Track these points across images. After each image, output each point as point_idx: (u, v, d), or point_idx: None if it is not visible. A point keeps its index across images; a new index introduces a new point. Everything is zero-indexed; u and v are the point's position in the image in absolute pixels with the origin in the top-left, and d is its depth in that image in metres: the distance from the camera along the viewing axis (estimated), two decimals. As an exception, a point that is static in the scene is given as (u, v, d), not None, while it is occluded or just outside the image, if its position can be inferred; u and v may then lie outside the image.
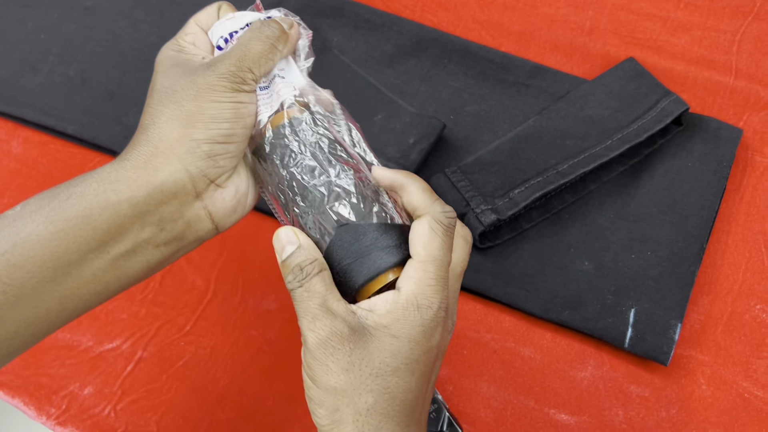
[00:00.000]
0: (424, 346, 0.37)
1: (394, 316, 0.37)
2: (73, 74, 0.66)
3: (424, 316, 0.37)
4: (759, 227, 0.59)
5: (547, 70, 0.63)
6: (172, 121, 0.39)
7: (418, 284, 0.37)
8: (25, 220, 0.36)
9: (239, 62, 0.40)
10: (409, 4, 0.67)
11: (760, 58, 0.64)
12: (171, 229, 0.39)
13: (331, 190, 0.40)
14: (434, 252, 0.38)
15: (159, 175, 0.38)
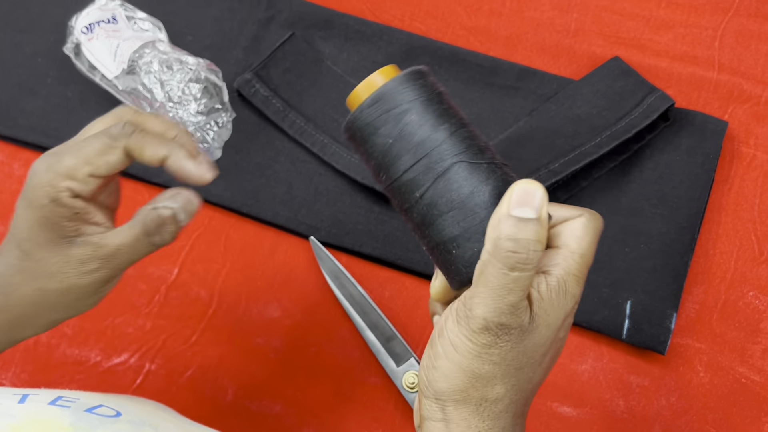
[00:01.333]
0: (556, 335, 0.37)
1: (549, 302, 0.36)
2: (71, 95, 0.67)
3: (568, 304, 0.37)
4: (748, 216, 0.60)
5: (535, 73, 0.65)
6: (33, 305, 0.41)
7: (567, 270, 0.36)
8: None
9: (120, 266, 0.41)
10: (398, 13, 0.69)
11: (741, 52, 0.65)
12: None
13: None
14: (584, 247, 0.37)
15: (13, 339, 0.43)
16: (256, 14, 0.69)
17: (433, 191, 0.37)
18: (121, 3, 0.66)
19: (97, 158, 0.39)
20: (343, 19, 0.68)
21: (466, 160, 0.37)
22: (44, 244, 0.40)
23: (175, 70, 0.61)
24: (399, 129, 0.37)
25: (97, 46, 0.63)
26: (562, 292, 0.36)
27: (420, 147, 0.37)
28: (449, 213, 0.37)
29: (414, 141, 0.37)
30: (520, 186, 0.35)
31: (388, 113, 0.37)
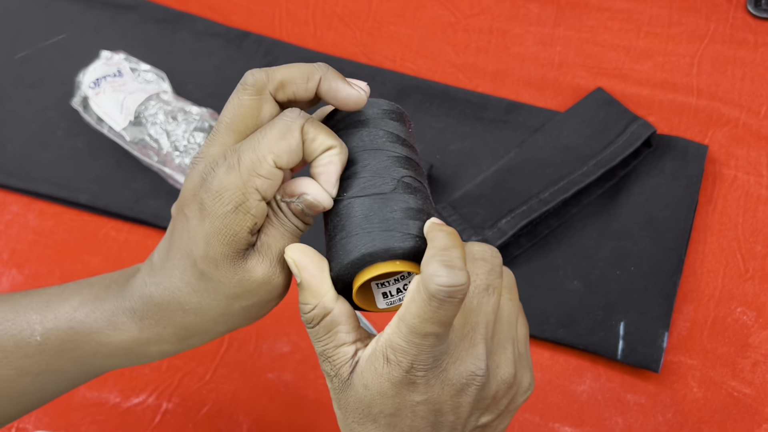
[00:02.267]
0: (399, 401, 0.35)
1: (368, 362, 0.35)
2: (81, 146, 0.70)
3: (393, 371, 0.34)
4: (733, 235, 0.63)
5: (522, 106, 0.67)
6: (173, 326, 0.38)
7: (390, 337, 0.34)
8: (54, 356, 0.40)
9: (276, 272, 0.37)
10: (389, 54, 0.72)
11: (718, 78, 0.68)
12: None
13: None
14: (407, 313, 0.33)
15: (144, 356, 0.40)
16: (254, 61, 0.72)
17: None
18: (125, 56, 0.69)
19: (276, 145, 0.35)
20: (338, 64, 0.71)
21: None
22: (221, 262, 0.35)
23: (179, 120, 0.64)
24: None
25: (105, 100, 0.66)
26: (381, 357, 0.34)
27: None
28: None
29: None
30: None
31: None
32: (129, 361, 0.41)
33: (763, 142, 0.65)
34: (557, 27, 0.71)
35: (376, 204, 0.36)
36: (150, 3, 0.75)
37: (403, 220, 0.36)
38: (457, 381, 0.35)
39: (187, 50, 0.73)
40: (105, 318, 0.39)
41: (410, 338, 0.33)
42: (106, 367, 0.42)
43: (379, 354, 0.34)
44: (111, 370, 0.43)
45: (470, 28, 0.72)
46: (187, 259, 0.36)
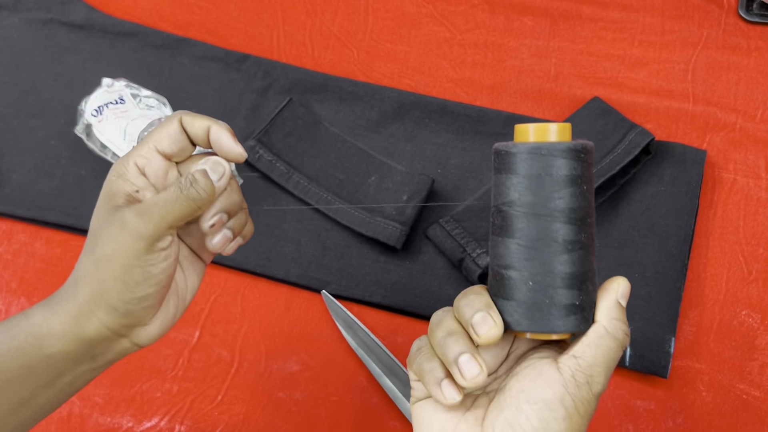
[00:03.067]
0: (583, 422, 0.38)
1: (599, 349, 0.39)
2: (84, 174, 0.71)
3: (594, 390, 0.38)
4: (734, 238, 0.63)
5: (520, 118, 0.68)
6: (91, 281, 0.41)
7: (608, 317, 0.39)
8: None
9: (158, 222, 0.40)
10: (387, 72, 0.73)
11: (713, 83, 0.69)
12: (102, 359, 0.43)
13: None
14: (602, 356, 0.39)
15: (85, 331, 0.41)
16: (253, 84, 0.72)
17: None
18: (126, 83, 0.70)
19: (156, 135, 0.43)
20: (336, 82, 0.71)
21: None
22: (102, 218, 0.41)
23: (183, 144, 0.64)
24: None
25: (107, 127, 0.66)
26: (607, 336, 0.39)
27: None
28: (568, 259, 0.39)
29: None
30: (624, 283, 0.41)
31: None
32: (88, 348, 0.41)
33: (760, 145, 0.66)
34: (552, 39, 0.72)
35: (537, 269, 0.38)
36: (149, 29, 0.76)
37: (562, 295, 0.38)
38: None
39: (187, 75, 0.74)
40: (49, 309, 0.41)
41: (621, 313, 0.40)
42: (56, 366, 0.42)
43: (606, 335, 0.39)
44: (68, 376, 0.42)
45: (466, 43, 0.73)
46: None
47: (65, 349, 0.41)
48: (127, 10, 0.78)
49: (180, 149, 0.44)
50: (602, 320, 0.39)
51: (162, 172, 0.44)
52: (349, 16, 0.76)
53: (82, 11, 0.77)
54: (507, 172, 0.39)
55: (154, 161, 0.43)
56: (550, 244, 0.38)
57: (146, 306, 0.41)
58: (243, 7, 0.77)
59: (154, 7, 0.78)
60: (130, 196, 0.42)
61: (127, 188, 0.42)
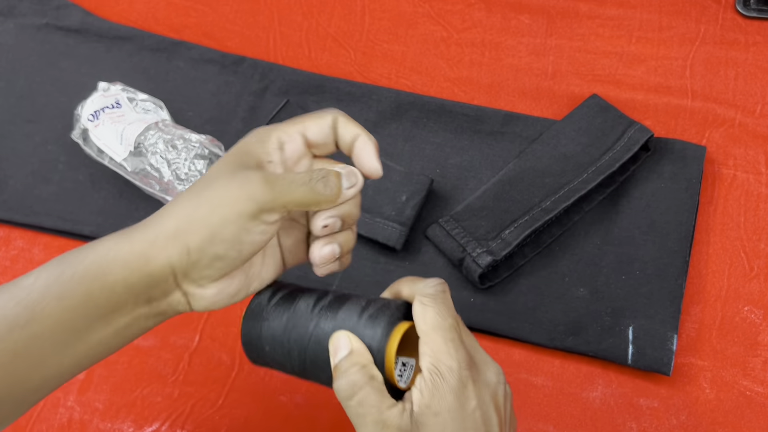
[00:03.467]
0: (463, 412, 0.39)
1: (428, 392, 0.39)
2: (82, 179, 0.70)
3: (450, 382, 0.38)
4: (735, 234, 0.63)
5: (518, 117, 0.68)
6: (182, 216, 0.40)
7: (432, 354, 0.39)
8: (39, 295, 0.39)
9: (277, 197, 0.40)
10: (384, 72, 0.72)
11: (711, 79, 0.68)
12: (156, 308, 0.42)
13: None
14: (432, 320, 0.40)
15: (150, 266, 0.39)
16: (250, 86, 0.72)
17: (315, 376, 0.43)
18: (122, 87, 0.69)
19: (307, 121, 0.44)
20: (333, 83, 0.71)
21: (312, 336, 0.42)
22: (225, 169, 0.41)
23: (179, 148, 0.64)
24: (270, 347, 0.44)
25: (104, 132, 0.66)
26: (435, 376, 0.39)
27: (285, 350, 0.43)
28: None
29: (281, 346, 0.43)
30: (331, 344, 0.41)
31: (257, 345, 0.44)
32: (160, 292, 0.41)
33: (760, 140, 0.66)
34: (549, 37, 0.72)
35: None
36: (144, 33, 0.75)
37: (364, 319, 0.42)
38: (490, 381, 0.41)
39: (183, 78, 0.73)
40: (129, 243, 0.40)
41: (446, 337, 0.40)
42: (117, 307, 0.41)
43: (434, 375, 0.39)
44: (127, 322, 0.41)
45: (463, 42, 0.73)
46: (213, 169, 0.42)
47: (127, 280, 0.40)
48: (123, 14, 0.78)
49: (323, 143, 0.44)
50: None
51: (297, 155, 0.44)
52: (345, 17, 0.75)
53: (77, 16, 0.77)
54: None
55: (295, 143, 0.43)
56: None
57: (215, 265, 0.40)
58: (239, 9, 0.77)
59: (149, 11, 0.77)
60: (261, 163, 0.42)
61: (262, 155, 0.42)
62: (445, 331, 0.40)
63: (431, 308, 0.40)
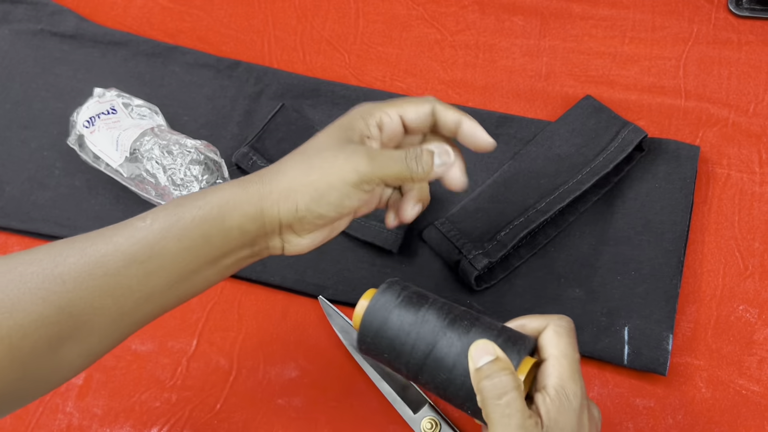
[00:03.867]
0: (579, 428, 0.42)
1: (555, 409, 0.42)
2: (79, 185, 0.70)
3: (573, 404, 0.42)
4: (730, 233, 0.63)
5: (513, 118, 0.68)
6: (293, 177, 0.46)
7: (559, 377, 0.43)
8: (159, 234, 0.44)
9: (376, 171, 0.45)
10: (379, 75, 0.72)
11: (705, 79, 0.68)
12: (258, 250, 0.47)
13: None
14: (564, 349, 0.44)
15: (263, 216, 0.45)
16: (246, 90, 0.72)
17: (429, 375, 0.46)
18: (117, 93, 0.69)
19: (407, 105, 0.49)
20: (328, 87, 0.71)
21: (440, 341, 0.45)
22: (332, 141, 0.47)
23: (175, 154, 0.64)
24: (390, 338, 0.46)
25: (99, 138, 0.66)
26: (562, 396, 0.42)
27: (407, 346, 0.46)
28: (448, 389, 0.45)
29: (403, 341, 0.46)
30: (473, 349, 0.44)
31: (378, 332, 0.47)
32: (259, 229, 0.46)
33: (753, 140, 0.66)
34: (543, 38, 0.72)
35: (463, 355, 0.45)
36: (139, 38, 0.75)
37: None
38: (594, 414, 0.45)
39: (178, 82, 0.73)
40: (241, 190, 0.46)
41: (572, 367, 0.43)
42: (224, 250, 0.45)
43: (560, 395, 0.42)
44: (227, 260, 0.46)
45: (457, 44, 0.73)
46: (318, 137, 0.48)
47: (243, 226, 0.45)
48: (118, 19, 0.77)
49: (418, 127, 0.50)
50: (477, 396, 0.43)
51: (394, 134, 0.49)
52: (339, 20, 0.75)
53: (72, 21, 0.76)
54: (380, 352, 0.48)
55: (394, 123, 0.49)
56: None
57: (316, 222, 0.46)
58: (233, 13, 0.77)
59: (144, 16, 0.77)
60: (363, 137, 0.47)
61: (364, 131, 0.48)
62: (573, 361, 0.44)
63: (565, 338, 0.44)
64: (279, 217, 0.45)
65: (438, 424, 0.57)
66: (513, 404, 0.41)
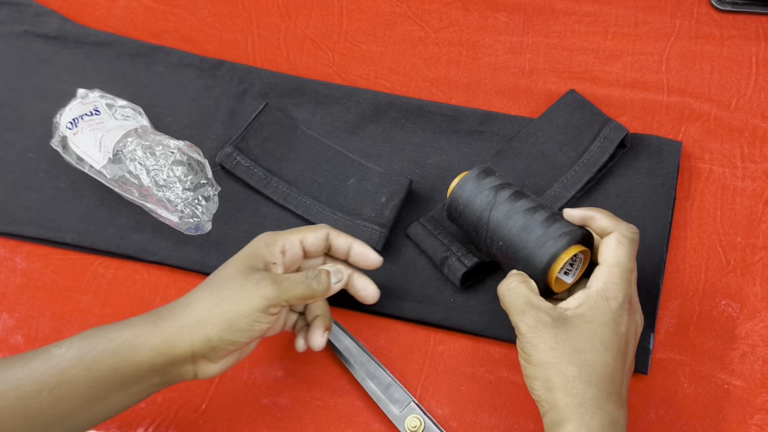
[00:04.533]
0: (614, 330, 0.47)
1: (587, 306, 0.47)
2: (64, 186, 0.69)
3: (612, 305, 0.47)
4: (712, 228, 0.62)
5: (496, 115, 0.67)
6: (204, 310, 0.49)
7: (606, 282, 0.48)
8: (71, 363, 0.47)
9: (282, 294, 0.50)
10: (363, 73, 0.72)
11: (687, 74, 0.68)
12: (169, 379, 0.51)
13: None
14: (620, 258, 0.48)
15: (175, 350, 0.49)
16: (230, 89, 0.71)
17: (493, 242, 0.55)
18: (101, 94, 0.68)
19: (306, 233, 0.55)
20: (312, 85, 0.70)
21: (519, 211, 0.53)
22: (237, 271, 0.51)
23: (158, 154, 0.63)
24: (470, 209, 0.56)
25: (83, 139, 0.65)
26: (601, 298, 0.48)
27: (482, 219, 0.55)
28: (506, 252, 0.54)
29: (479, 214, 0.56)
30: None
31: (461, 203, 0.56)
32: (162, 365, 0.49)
33: (735, 134, 0.65)
34: (526, 34, 0.71)
35: (524, 230, 0.53)
36: (123, 38, 0.74)
37: (548, 230, 0.52)
38: (636, 322, 0.50)
39: (163, 83, 0.73)
40: (148, 326, 0.49)
41: (623, 275, 0.48)
42: (134, 379, 0.49)
43: (599, 296, 0.48)
44: (138, 387, 0.50)
45: (440, 41, 0.72)
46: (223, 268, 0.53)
47: (153, 360, 0.48)
48: (101, 19, 0.77)
49: (316, 250, 0.56)
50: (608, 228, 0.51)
51: (296, 258, 0.55)
52: (323, 18, 0.74)
53: (55, 22, 0.76)
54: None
55: (295, 248, 0.55)
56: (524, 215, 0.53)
57: (229, 348, 0.50)
58: (217, 12, 0.76)
59: (128, 16, 0.76)
60: (267, 264, 0.52)
61: (269, 258, 0.53)
62: (625, 270, 0.48)
63: (624, 248, 0.49)
64: (192, 348, 0.49)
65: (423, 422, 0.56)
66: (516, 289, 0.50)
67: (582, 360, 0.46)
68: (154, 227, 0.66)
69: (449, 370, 0.60)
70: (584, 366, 0.46)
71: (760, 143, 0.64)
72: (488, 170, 0.57)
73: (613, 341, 0.47)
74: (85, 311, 0.65)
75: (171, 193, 0.63)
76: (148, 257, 0.65)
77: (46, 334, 0.64)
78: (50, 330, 0.64)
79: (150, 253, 0.65)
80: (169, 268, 0.65)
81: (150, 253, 0.65)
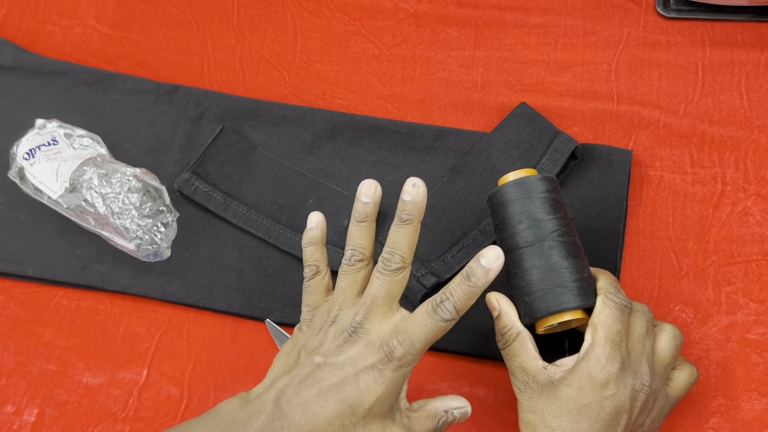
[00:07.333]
0: (593, 394, 0.45)
1: (571, 369, 0.46)
2: (24, 218, 0.66)
3: (591, 367, 0.46)
4: (664, 234, 0.61)
5: (450, 131, 0.65)
6: None
7: (589, 344, 0.47)
8: None
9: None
10: (318, 93, 0.69)
11: (636, 82, 0.66)
12: None
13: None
14: (603, 319, 0.47)
15: None
16: (186, 114, 0.68)
17: (511, 260, 0.51)
18: (59, 124, 0.65)
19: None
20: (268, 107, 0.68)
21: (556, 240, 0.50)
22: (379, 414, 0.45)
23: (114, 182, 0.60)
24: (521, 209, 0.50)
25: (40, 170, 0.62)
26: (582, 362, 0.46)
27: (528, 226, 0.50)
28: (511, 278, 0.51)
29: (514, 225, 0.51)
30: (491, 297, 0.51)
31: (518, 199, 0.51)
32: None
33: (684, 140, 0.64)
34: (477, 48, 0.69)
35: (543, 268, 0.49)
36: (79, 67, 0.71)
37: (568, 283, 0.48)
38: (633, 388, 0.46)
39: (119, 110, 0.70)
40: None
41: (607, 337, 0.46)
42: None
43: (581, 359, 0.46)
44: None
45: (394, 58, 0.70)
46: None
47: None
48: (57, 47, 0.73)
49: None
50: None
51: None
52: (277, 39, 0.72)
53: (10, 53, 0.72)
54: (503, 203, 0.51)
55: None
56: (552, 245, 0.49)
57: None
58: (172, 36, 0.73)
59: (83, 43, 0.73)
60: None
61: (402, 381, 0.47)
62: (610, 332, 0.46)
63: (609, 309, 0.47)
64: None
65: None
66: (513, 352, 0.49)
67: (558, 424, 0.46)
68: (115, 256, 0.64)
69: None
70: (559, 430, 0.46)
71: (708, 148, 0.63)
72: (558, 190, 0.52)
73: (591, 407, 0.45)
74: (50, 344, 0.62)
75: (127, 221, 0.60)
76: (110, 287, 0.63)
77: (11, 369, 0.61)
78: (15, 364, 0.62)
79: (111, 283, 0.63)
80: (132, 297, 0.63)
81: (111, 283, 0.63)
